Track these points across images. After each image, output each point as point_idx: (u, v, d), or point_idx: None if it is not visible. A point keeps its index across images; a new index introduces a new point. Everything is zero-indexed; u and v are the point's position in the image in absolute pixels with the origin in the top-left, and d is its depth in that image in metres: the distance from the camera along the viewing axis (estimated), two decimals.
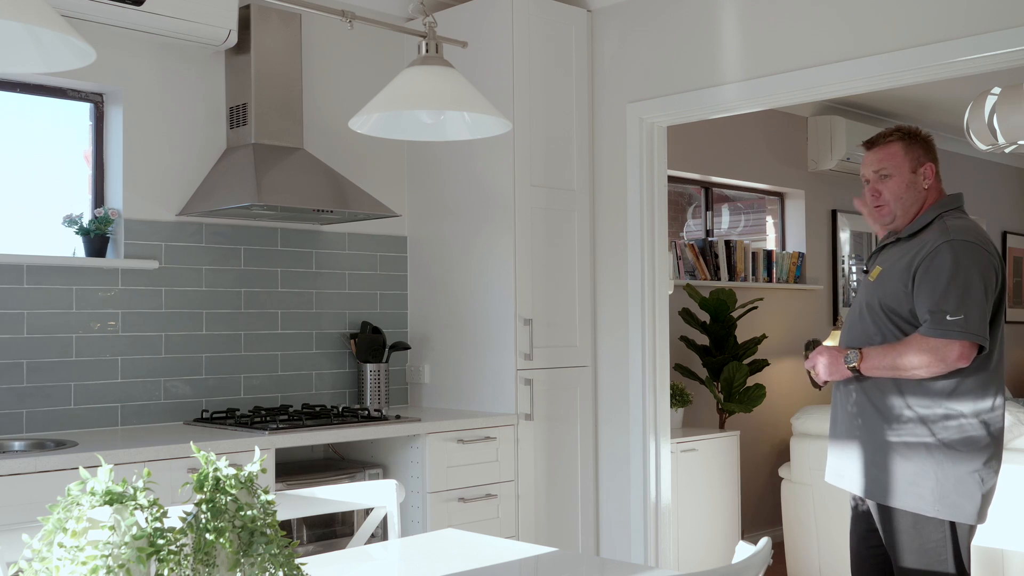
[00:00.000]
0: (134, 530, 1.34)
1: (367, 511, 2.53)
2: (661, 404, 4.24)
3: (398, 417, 3.87)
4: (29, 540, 1.35)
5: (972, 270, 2.60)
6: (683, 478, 4.74)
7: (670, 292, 4.45)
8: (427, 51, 2.44)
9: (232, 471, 1.44)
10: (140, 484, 1.38)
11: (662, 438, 4.24)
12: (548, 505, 4.15)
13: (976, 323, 2.57)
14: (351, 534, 3.55)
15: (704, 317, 5.67)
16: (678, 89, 4.13)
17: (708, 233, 6.28)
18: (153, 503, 1.37)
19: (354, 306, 4.39)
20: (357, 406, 4.16)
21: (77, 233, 3.68)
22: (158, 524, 1.37)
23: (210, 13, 3.66)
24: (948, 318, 2.55)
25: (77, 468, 2.45)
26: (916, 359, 2.59)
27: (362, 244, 4.43)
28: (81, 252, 3.70)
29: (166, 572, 1.36)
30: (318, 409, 3.95)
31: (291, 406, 4.05)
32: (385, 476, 3.87)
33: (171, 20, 3.59)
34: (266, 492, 1.47)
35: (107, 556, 1.30)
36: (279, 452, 3.47)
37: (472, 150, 4.18)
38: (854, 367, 2.70)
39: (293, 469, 3.79)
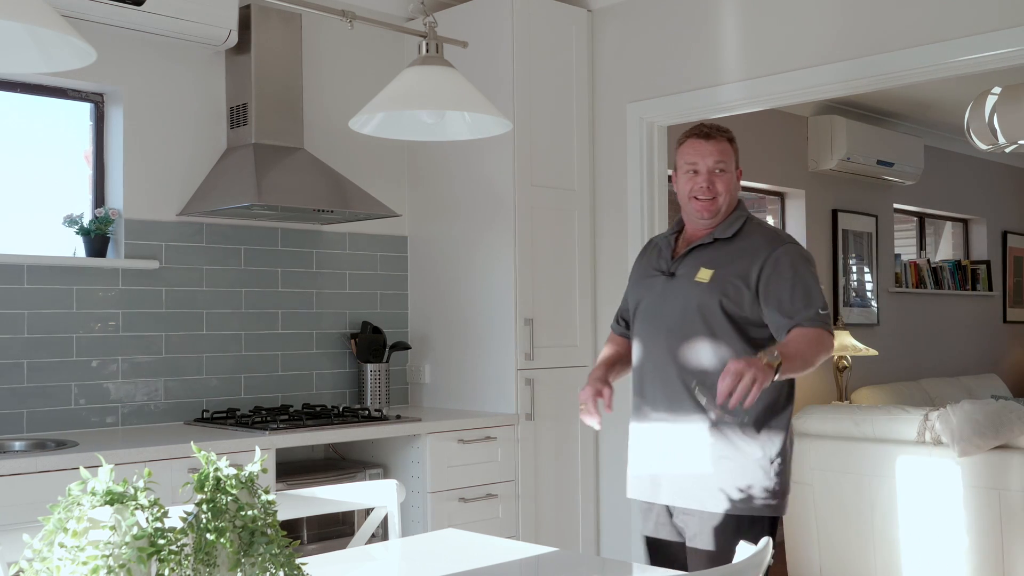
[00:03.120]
0: (135, 530, 1.33)
1: (368, 511, 2.53)
2: None
3: (399, 417, 3.87)
4: (30, 540, 1.35)
5: (813, 270, 2.68)
6: None
7: None
8: (427, 51, 2.44)
9: (233, 471, 1.44)
10: (141, 484, 1.38)
11: None
12: (549, 505, 4.15)
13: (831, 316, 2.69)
14: (352, 534, 3.55)
15: None
16: (678, 89, 4.13)
17: None
18: (154, 503, 1.37)
19: (354, 306, 4.39)
20: (357, 406, 4.15)
21: (77, 233, 3.68)
22: (159, 524, 1.36)
23: (210, 13, 3.66)
24: (821, 312, 2.59)
25: (77, 468, 2.45)
26: (821, 354, 2.56)
27: (362, 244, 4.43)
28: (82, 252, 3.70)
29: (167, 572, 1.36)
30: (318, 409, 3.95)
31: (291, 406, 4.05)
32: (385, 476, 3.87)
33: (171, 20, 3.59)
34: (267, 492, 1.47)
35: (108, 556, 1.30)
36: (280, 452, 3.47)
37: (473, 150, 4.18)
38: (777, 365, 2.41)
39: (294, 469, 3.79)
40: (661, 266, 2.76)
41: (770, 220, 6.72)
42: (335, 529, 3.67)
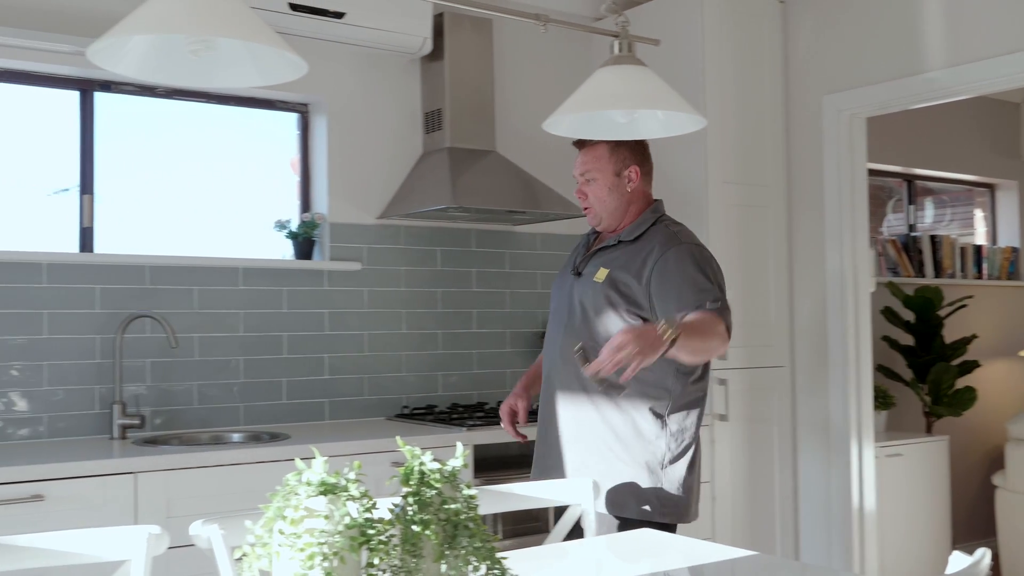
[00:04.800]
0: (347, 520, 1.39)
1: (562, 508, 2.56)
2: (864, 407, 4.08)
3: None
4: (252, 526, 1.43)
5: (708, 270, 2.62)
6: (887, 484, 4.54)
7: (872, 290, 4.28)
8: (620, 50, 2.43)
9: (436, 465, 1.49)
10: (352, 476, 1.44)
11: (865, 442, 4.08)
12: (745, 507, 4.07)
13: (729, 312, 2.59)
14: (545, 531, 3.59)
15: (908, 316, 5.42)
16: (878, 78, 3.96)
17: (911, 228, 5.99)
18: (364, 494, 1.43)
19: (546, 305, 4.41)
20: None
21: (286, 237, 3.89)
22: (368, 515, 1.42)
23: (406, 22, 3.79)
24: (715, 302, 2.54)
25: (291, 459, 2.58)
26: (716, 340, 2.49)
27: (553, 244, 4.47)
28: (290, 255, 3.90)
29: (376, 561, 1.42)
30: None
31: (487, 403, 4.13)
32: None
33: (370, 31, 3.73)
34: (468, 487, 1.51)
35: (323, 544, 1.36)
36: (475, 448, 3.55)
37: (664, 147, 4.11)
38: (674, 336, 2.30)
39: (488, 465, 3.86)
40: (573, 266, 2.83)
41: (978, 213, 6.35)
42: (529, 525, 3.72)
